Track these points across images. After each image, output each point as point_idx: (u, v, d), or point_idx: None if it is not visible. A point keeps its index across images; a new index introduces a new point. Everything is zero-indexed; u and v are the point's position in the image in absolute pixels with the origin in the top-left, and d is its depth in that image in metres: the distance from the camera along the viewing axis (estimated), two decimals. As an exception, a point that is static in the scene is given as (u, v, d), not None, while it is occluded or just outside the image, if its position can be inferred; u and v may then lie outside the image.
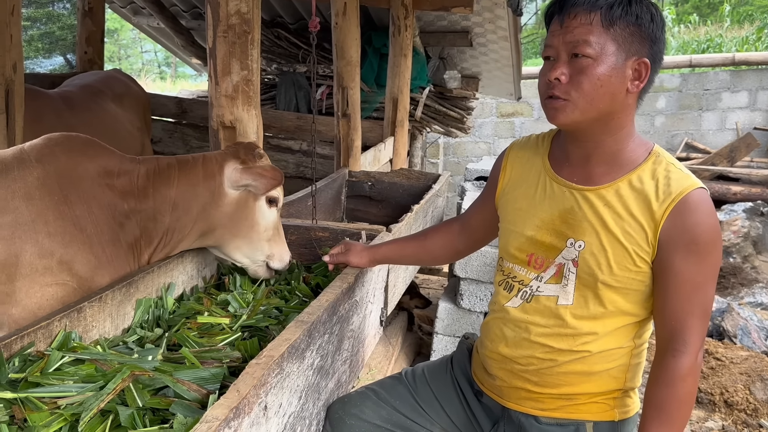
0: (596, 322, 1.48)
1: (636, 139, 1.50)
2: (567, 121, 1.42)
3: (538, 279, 1.54)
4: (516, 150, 1.69)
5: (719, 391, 3.74)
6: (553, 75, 1.40)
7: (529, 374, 1.55)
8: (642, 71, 1.41)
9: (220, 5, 2.21)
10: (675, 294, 1.41)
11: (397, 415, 1.73)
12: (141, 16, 7.18)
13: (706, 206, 1.41)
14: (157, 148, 5.47)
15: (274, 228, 2.14)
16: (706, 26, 16.78)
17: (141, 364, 1.48)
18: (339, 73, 4.15)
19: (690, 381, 1.41)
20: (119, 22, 19.65)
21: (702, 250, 1.39)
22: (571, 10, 1.39)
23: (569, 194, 1.51)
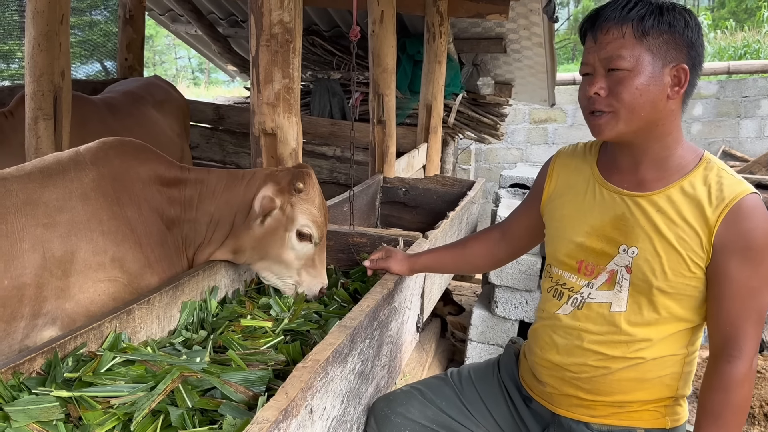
0: (651, 329, 1.48)
1: (684, 144, 1.50)
2: (612, 134, 1.44)
3: (589, 286, 1.54)
4: (563, 158, 1.70)
5: (759, 403, 3.67)
6: (592, 90, 1.43)
7: (581, 382, 1.55)
8: (681, 77, 1.42)
9: (264, 15, 2.26)
10: (730, 300, 1.41)
11: (443, 416, 1.75)
12: (179, 23, 7.32)
13: (760, 211, 1.40)
14: (194, 153, 5.56)
15: (308, 259, 2.10)
16: (743, 32, 16.48)
17: (189, 365, 1.52)
18: (375, 80, 4.18)
19: (746, 387, 1.40)
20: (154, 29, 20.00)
21: (757, 256, 1.39)
22: (603, 25, 1.42)
23: (620, 200, 1.51)
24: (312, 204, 2.06)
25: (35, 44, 2.86)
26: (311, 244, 2.09)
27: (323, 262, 2.15)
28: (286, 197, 2.03)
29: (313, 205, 2.06)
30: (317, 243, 2.10)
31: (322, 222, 2.08)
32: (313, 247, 2.10)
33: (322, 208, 2.10)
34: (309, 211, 2.06)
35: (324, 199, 2.14)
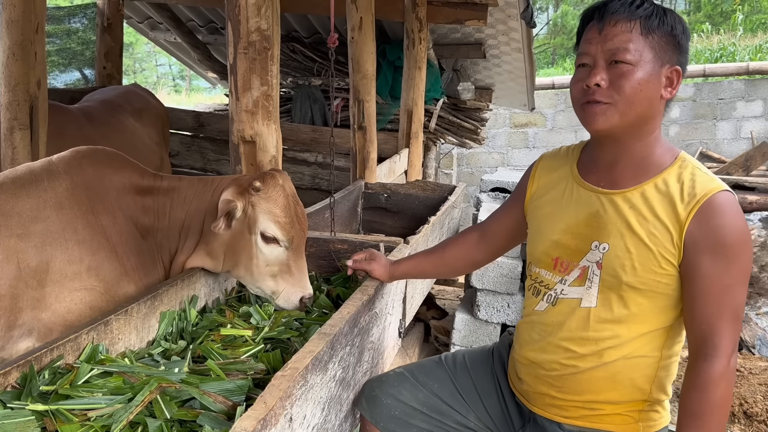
0: (620, 326, 1.49)
1: (663, 144, 1.52)
2: (607, 125, 1.45)
3: (562, 282, 1.56)
4: (546, 160, 1.73)
5: (738, 402, 3.72)
6: (593, 81, 1.43)
7: (552, 380, 1.56)
8: (674, 79, 1.46)
9: (241, 22, 2.25)
10: (703, 297, 1.41)
11: (434, 399, 1.75)
12: (158, 31, 7.28)
13: (731, 208, 1.41)
14: (174, 161, 5.53)
15: (282, 265, 2.03)
16: (719, 35, 16.72)
17: (168, 376, 1.51)
18: (355, 86, 4.19)
19: (723, 385, 1.39)
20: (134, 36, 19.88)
21: (729, 252, 1.39)
22: (611, 18, 1.43)
23: (595, 198, 1.53)
24: (274, 203, 1.99)
25: (10, 54, 2.83)
26: (280, 248, 2.01)
27: (301, 269, 2.06)
28: (247, 198, 1.98)
29: (274, 204, 1.99)
30: (287, 246, 2.02)
31: (287, 222, 1.99)
32: (284, 251, 2.02)
33: (288, 209, 2.02)
34: (270, 210, 1.98)
35: (296, 203, 2.08)
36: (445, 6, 5.12)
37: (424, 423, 1.75)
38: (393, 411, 1.73)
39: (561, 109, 10.52)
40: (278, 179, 2.03)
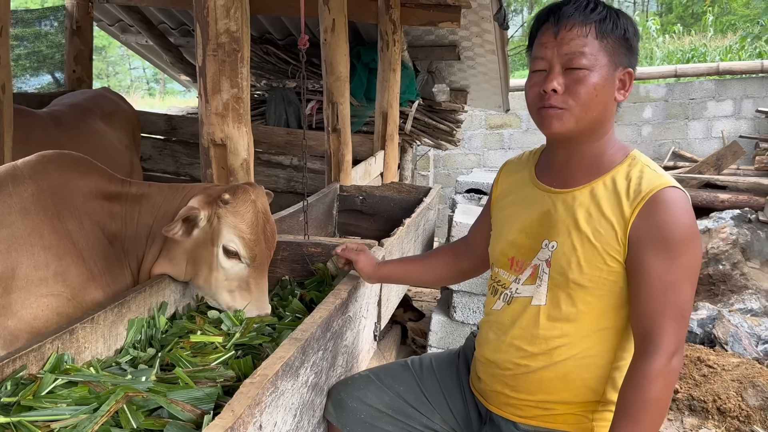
0: (569, 325, 1.49)
1: (616, 144, 1.53)
2: (563, 129, 1.46)
3: (516, 281, 1.57)
4: (508, 165, 1.76)
5: (712, 398, 3.75)
6: (550, 86, 1.43)
7: (506, 378, 1.57)
8: (627, 81, 1.48)
9: (210, 24, 2.22)
10: (646, 294, 1.40)
11: (400, 401, 1.75)
12: (129, 33, 7.19)
13: (677, 205, 1.40)
14: (146, 165, 5.45)
15: (242, 282, 1.98)
16: (690, 36, 16.96)
17: (134, 385, 1.47)
18: (328, 88, 4.16)
19: (659, 384, 1.36)
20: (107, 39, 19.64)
21: (672, 249, 1.38)
22: (567, 22, 1.43)
23: (547, 197, 1.55)
24: (240, 218, 1.94)
25: (-27, 57, 2.76)
26: (242, 264, 1.96)
27: (261, 288, 2.01)
28: (213, 209, 1.93)
29: (241, 219, 1.94)
30: (249, 264, 1.97)
31: (251, 239, 1.94)
32: (245, 267, 1.97)
33: (255, 226, 1.96)
34: (235, 225, 1.93)
35: (266, 220, 2.02)
36: (418, 8, 5.12)
37: (390, 426, 1.74)
38: (359, 414, 1.72)
39: (536, 110, 10.57)
40: (250, 194, 1.99)
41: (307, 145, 2.92)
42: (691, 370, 4.12)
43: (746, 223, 7.98)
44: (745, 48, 13.57)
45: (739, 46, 13.82)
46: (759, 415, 3.62)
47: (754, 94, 9.95)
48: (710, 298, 6.92)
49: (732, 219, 7.96)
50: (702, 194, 8.71)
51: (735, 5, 14.92)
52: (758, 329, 5.23)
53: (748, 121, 9.97)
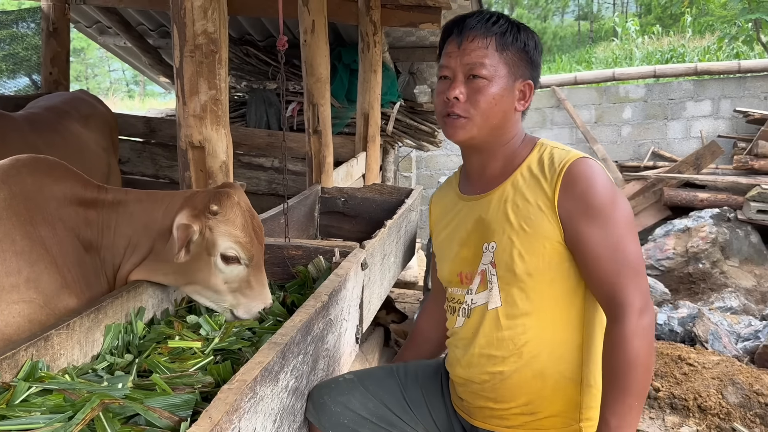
0: (529, 318, 1.50)
1: (524, 139, 1.60)
2: (465, 137, 1.54)
3: (470, 293, 1.59)
4: (435, 195, 1.83)
5: (693, 396, 3.78)
6: (452, 94, 1.51)
7: (486, 392, 1.57)
8: (527, 92, 1.57)
9: (187, 25, 2.20)
10: (596, 263, 1.44)
11: (384, 409, 1.74)
12: (107, 35, 7.12)
13: (590, 171, 1.46)
14: (125, 168, 5.40)
15: (242, 281, 1.98)
16: (668, 37, 17.14)
17: (111, 392, 1.45)
18: (309, 90, 4.15)
19: (636, 343, 1.38)
20: (86, 41, 19.45)
21: (601, 214, 1.43)
22: (469, 34, 1.52)
23: (476, 205, 1.60)
24: (233, 225, 1.93)
25: (-55, 59, 2.71)
26: (241, 266, 1.97)
27: (261, 282, 2.02)
28: (204, 221, 1.90)
29: (233, 226, 1.93)
30: (248, 264, 1.97)
31: (247, 242, 1.95)
32: (244, 268, 1.97)
33: (247, 227, 1.96)
34: (230, 233, 1.92)
35: (252, 217, 2.02)
36: (398, 9, 5.12)
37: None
38: (342, 419, 1.71)
39: (517, 111, 10.63)
40: (233, 197, 1.97)
41: (288, 147, 2.90)
42: (672, 368, 4.15)
43: (725, 222, 8.07)
44: (722, 49, 13.74)
45: (717, 46, 14.00)
46: (739, 412, 3.66)
47: (732, 94, 10.08)
48: (690, 297, 6.99)
49: (711, 218, 8.04)
50: (681, 193, 8.80)
51: (712, 6, 15.11)
52: (738, 327, 5.29)
53: (726, 121, 10.09)
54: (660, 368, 4.17)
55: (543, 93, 10.66)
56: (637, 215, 9.09)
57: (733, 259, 7.75)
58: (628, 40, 17.20)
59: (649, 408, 3.82)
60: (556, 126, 10.56)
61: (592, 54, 17.40)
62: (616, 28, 18.96)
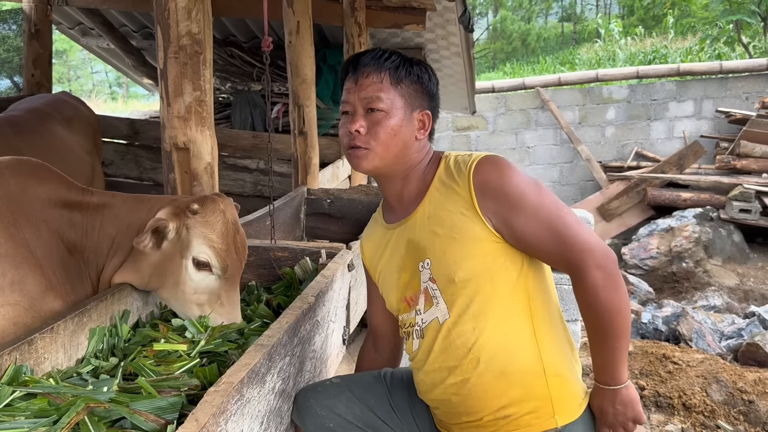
0: (477, 320, 1.53)
1: (432, 158, 1.66)
2: (369, 167, 1.59)
3: (418, 313, 1.63)
4: (364, 234, 1.87)
5: (677, 394, 3.82)
6: (353, 128, 1.58)
7: (455, 406, 1.59)
8: (426, 121, 1.63)
9: (171, 26, 2.19)
10: (539, 246, 1.50)
11: (370, 414, 1.74)
12: (90, 37, 7.05)
13: (497, 165, 1.52)
14: (108, 170, 5.35)
15: (212, 295, 1.93)
16: (651, 38, 17.29)
17: (96, 395, 1.43)
18: (294, 91, 4.14)
19: (602, 294, 1.45)
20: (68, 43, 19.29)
21: (521, 201, 1.49)
22: (364, 70, 1.59)
23: (404, 230, 1.65)
24: (210, 228, 1.90)
25: (-75, 60, 2.68)
26: (212, 276, 1.92)
27: (233, 302, 1.96)
28: (182, 220, 1.88)
29: (211, 229, 1.90)
30: (220, 275, 1.92)
31: (222, 249, 1.90)
32: (216, 279, 1.92)
33: (226, 236, 1.92)
34: (206, 235, 1.89)
35: (237, 231, 1.98)
36: (384, 10, 5.12)
37: None
38: (327, 423, 1.71)
39: (501, 113, 10.68)
40: (219, 204, 1.95)
41: (273, 148, 2.89)
42: (657, 366, 4.18)
43: (708, 222, 8.15)
44: (704, 50, 13.89)
45: (699, 47, 14.15)
46: (723, 409, 3.69)
47: (714, 94, 10.19)
48: (674, 296, 7.05)
49: (694, 217, 8.12)
50: (665, 193, 8.88)
51: (694, 8, 15.26)
52: (721, 325, 5.34)
53: (709, 121, 10.20)
54: (645, 367, 4.21)
55: (527, 94, 10.71)
56: (620, 215, 9.16)
57: (716, 258, 7.83)
58: (611, 41, 17.33)
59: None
60: (540, 127, 10.62)
61: (576, 55, 17.53)
62: (599, 30, 19.11)
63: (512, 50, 23.34)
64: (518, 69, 17.41)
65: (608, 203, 9.14)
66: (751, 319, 5.29)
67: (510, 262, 1.53)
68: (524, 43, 23.70)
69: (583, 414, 1.56)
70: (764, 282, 7.42)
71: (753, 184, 8.28)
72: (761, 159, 8.78)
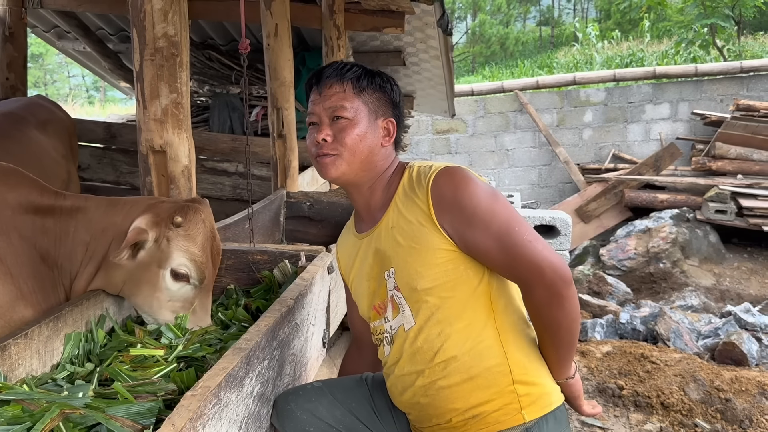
0: (442, 325, 1.56)
1: (398, 167, 1.69)
2: (337, 173, 1.63)
3: (386, 321, 1.66)
4: (338, 242, 1.91)
5: (656, 393, 3.85)
6: (320, 137, 1.62)
7: (425, 408, 1.61)
8: (390, 128, 1.68)
9: (147, 29, 2.17)
10: (490, 258, 1.52)
11: (351, 417, 1.74)
12: (66, 40, 6.97)
13: (453, 178, 1.54)
14: (85, 174, 5.29)
15: (185, 302, 1.92)
16: (628, 42, 17.49)
17: (71, 401, 1.41)
18: (273, 94, 4.12)
19: (546, 311, 1.50)
20: (44, 47, 19.06)
21: (472, 214, 1.51)
22: (326, 82, 1.65)
23: (371, 239, 1.69)
24: (192, 242, 1.88)
25: None
26: (189, 286, 1.91)
27: (205, 308, 1.96)
28: (162, 230, 1.86)
29: (193, 242, 1.88)
30: (197, 285, 1.92)
31: (202, 262, 1.90)
32: (192, 288, 1.92)
33: (206, 247, 1.92)
34: (187, 248, 1.87)
35: (213, 238, 1.97)
36: (362, 13, 5.12)
37: None
38: (308, 427, 1.71)
39: (481, 115, 10.73)
40: (200, 213, 1.94)
41: (252, 151, 2.87)
42: (635, 366, 4.22)
43: (685, 222, 8.25)
44: (680, 53, 14.08)
45: (675, 51, 14.33)
46: (700, 408, 3.73)
47: (690, 97, 10.32)
48: (652, 296, 7.12)
49: (671, 218, 8.22)
50: (642, 195, 8.97)
51: (670, 12, 15.46)
52: (698, 325, 5.41)
53: (685, 124, 10.33)
54: (623, 366, 4.24)
55: (506, 97, 10.77)
56: (598, 216, 9.24)
57: (692, 259, 7.92)
58: (588, 45, 17.50)
59: (614, 406, 3.87)
60: (519, 130, 10.69)
61: (554, 59, 17.67)
62: (576, 34, 19.29)
63: (491, 54, 23.50)
64: (497, 72, 17.52)
65: (586, 205, 9.22)
66: (727, 319, 5.36)
67: (471, 270, 1.56)
68: (503, 47, 23.87)
69: (555, 410, 1.58)
70: (740, 282, 7.53)
71: (728, 185, 8.40)
72: (736, 160, 8.91)
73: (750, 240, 8.49)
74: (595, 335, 5.16)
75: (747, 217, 8.10)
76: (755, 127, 8.92)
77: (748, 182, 8.48)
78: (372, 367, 1.94)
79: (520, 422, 1.54)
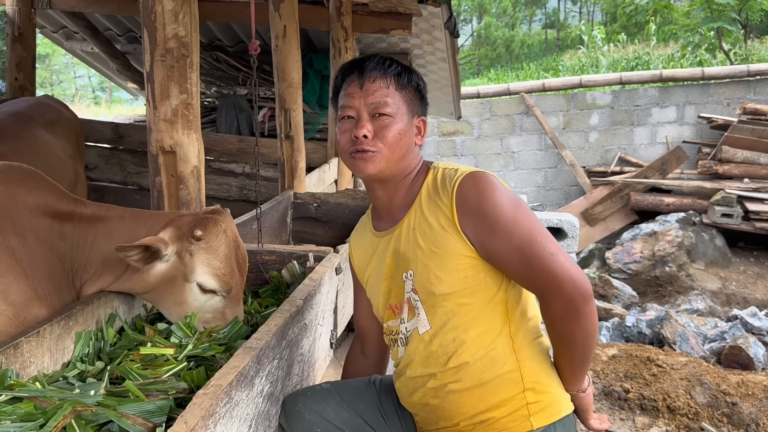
0: (457, 331, 1.55)
1: (422, 167, 1.67)
2: (375, 170, 1.59)
3: (402, 322, 1.65)
4: (353, 238, 1.88)
5: (662, 397, 3.84)
6: (361, 132, 1.57)
7: (433, 410, 1.61)
8: (422, 127, 1.67)
9: (157, 29, 2.18)
10: (510, 267, 1.51)
11: (359, 419, 1.74)
12: (74, 41, 7.00)
13: (477, 185, 1.52)
14: (92, 174, 5.31)
15: (215, 312, 1.93)
16: (634, 45, 17.46)
17: (83, 399, 1.42)
18: (281, 95, 4.13)
19: (561, 324, 1.48)
20: (51, 47, 19.14)
21: (495, 222, 1.48)
22: (370, 75, 1.61)
23: (390, 239, 1.67)
24: (214, 254, 1.88)
25: None
26: (217, 297, 1.92)
27: (236, 315, 1.97)
28: (185, 245, 1.86)
29: (215, 255, 1.88)
30: (225, 296, 1.92)
31: (226, 273, 1.89)
32: (221, 299, 1.93)
33: (229, 258, 1.91)
34: (209, 262, 1.87)
35: (237, 247, 1.97)
36: (370, 15, 5.13)
37: None
38: (315, 428, 1.71)
39: (486, 118, 10.73)
40: (221, 225, 1.93)
41: (260, 152, 2.88)
42: (641, 369, 4.21)
43: (691, 226, 8.23)
44: (686, 56, 14.04)
45: (681, 54, 14.30)
46: (707, 412, 3.72)
47: (696, 100, 10.30)
48: (658, 299, 7.11)
49: (677, 222, 8.20)
50: (648, 198, 8.95)
51: (676, 15, 15.43)
52: (704, 328, 5.39)
53: (691, 127, 10.31)
54: (629, 370, 4.23)
55: (512, 99, 10.77)
56: (604, 219, 9.22)
57: (698, 262, 7.90)
58: (594, 48, 17.49)
59: (620, 409, 3.87)
60: (525, 132, 10.68)
61: (559, 62, 17.66)
62: (582, 37, 19.26)
63: (496, 56, 23.48)
64: (502, 75, 17.51)
65: (592, 208, 9.20)
66: (733, 323, 5.35)
67: (490, 278, 1.54)
68: (508, 50, 23.86)
69: (563, 419, 1.57)
70: (746, 286, 7.51)
71: (735, 189, 8.38)
72: (743, 164, 8.89)
73: (756, 244, 8.46)
74: (600, 338, 5.15)
75: (753, 221, 8.07)
76: (762, 131, 8.89)
77: (755, 186, 8.45)
78: (374, 367, 1.94)
79: (528, 429, 1.54)
